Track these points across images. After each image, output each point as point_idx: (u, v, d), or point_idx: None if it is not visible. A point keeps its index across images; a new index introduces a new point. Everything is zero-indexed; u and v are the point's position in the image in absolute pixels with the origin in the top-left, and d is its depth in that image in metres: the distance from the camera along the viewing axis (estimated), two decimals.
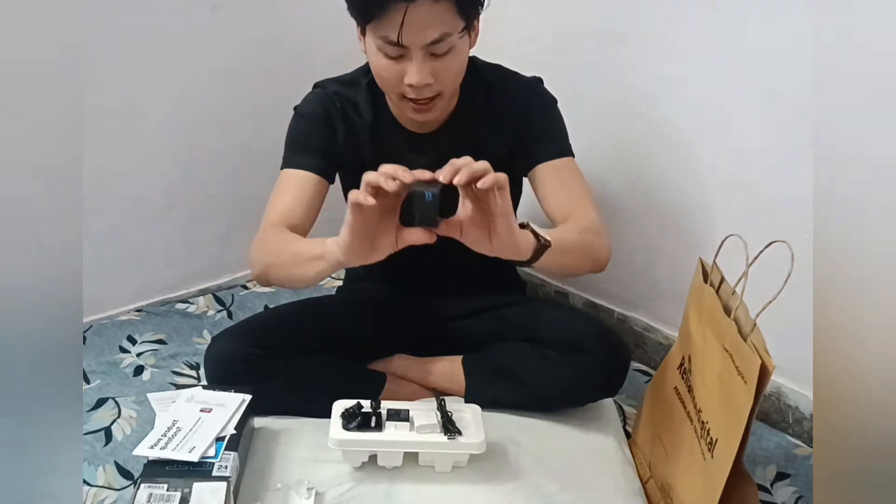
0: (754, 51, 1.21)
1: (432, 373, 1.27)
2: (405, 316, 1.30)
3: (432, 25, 0.98)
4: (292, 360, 1.16)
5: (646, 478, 1.12)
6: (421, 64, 1.01)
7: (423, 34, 0.98)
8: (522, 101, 1.18)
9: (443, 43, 1.00)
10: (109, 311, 1.57)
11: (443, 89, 1.06)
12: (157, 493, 0.92)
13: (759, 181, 1.25)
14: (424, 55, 1.00)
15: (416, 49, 1.00)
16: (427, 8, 0.96)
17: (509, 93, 1.18)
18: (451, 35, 1.00)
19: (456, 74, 1.07)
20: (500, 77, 1.19)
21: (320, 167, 1.16)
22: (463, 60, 1.07)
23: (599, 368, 1.16)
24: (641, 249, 1.49)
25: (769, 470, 1.20)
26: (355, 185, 1.23)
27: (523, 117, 1.17)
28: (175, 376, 1.38)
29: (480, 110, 1.18)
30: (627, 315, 1.56)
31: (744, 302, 0.92)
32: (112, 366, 1.40)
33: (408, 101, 1.07)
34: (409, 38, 0.98)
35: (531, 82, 1.21)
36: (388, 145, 1.18)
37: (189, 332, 1.53)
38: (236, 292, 1.68)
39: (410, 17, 0.96)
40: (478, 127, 1.18)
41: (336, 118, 1.18)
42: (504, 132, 1.18)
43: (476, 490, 1.05)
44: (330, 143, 1.18)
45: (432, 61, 1.02)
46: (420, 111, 1.08)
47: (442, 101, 1.08)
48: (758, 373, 0.83)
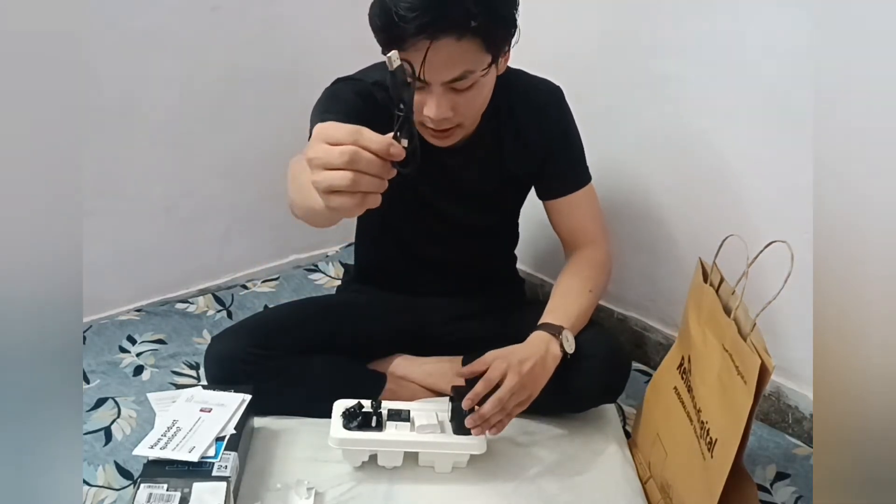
0: (754, 51, 1.21)
1: (432, 373, 1.27)
2: (405, 316, 1.30)
3: (455, 64, 0.94)
4: (292, 360, 1.16)
5: (646, 478, 1.12)
6: (441, 98, 0.97)
7: (444, 72, 0.95)
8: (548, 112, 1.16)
9: (465, 80, 0.96)
10: (109, 310, 1.56)
11: (462, 121, 1.03)
12: (157, 493, 0.92)
13: (759, 181, 1.25)
14: (445, 90, 0.97)
15: (436, 84, 0.96)
16: (450, 46, 0.92)
17: (532, 100, 1.16)
18: (475, 72, 0.96)
19: (478, 108, 1.05)
20: (520, 82, 1.16)
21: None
22: (486, 94, 1.04)
23: (600, 374, 1.16)
24: (641, 249, 1.49)
25: (769, 470, 1.20)
26: None
27: (548, 139, 1.16)
28: (175, 376, 1.38)
29: (507, 125, 1.15)
30: (627, 315, 1.56)
31: (743, 302, 0.92)
32: (112, 366, 1.40)
33: (426, 127, 1.03)
34: (431, 76, 0.95)
35: (554, 93, 1.18)
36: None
37: (189, 332, 1.53)
38: (236, 292, 1.68)
39: (433, 56, 0.89)
40: (503, 142, 1.16)
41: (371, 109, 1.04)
42: (530, 150, 1.17)
43: (476, 490, 1.05)
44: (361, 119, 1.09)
45: (453, 95, 0.98)
46: (437, 138, 1.05)
47: (461, 130, 1.06)
48: (757, 373, 0.83)
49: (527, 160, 1.18)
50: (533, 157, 1.18)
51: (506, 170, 1.18)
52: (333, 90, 1.10)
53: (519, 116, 1.15)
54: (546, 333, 1.09)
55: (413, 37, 0.90)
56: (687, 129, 1.34)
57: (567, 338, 1.09)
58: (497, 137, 1.16)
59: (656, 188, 1.43)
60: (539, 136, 1.16)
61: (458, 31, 0.92)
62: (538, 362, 1.04)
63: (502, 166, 1.17)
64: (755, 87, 1.22)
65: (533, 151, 1.17)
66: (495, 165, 1.17)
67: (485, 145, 1.15)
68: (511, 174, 1.19)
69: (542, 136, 1.16)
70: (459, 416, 1.03)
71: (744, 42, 1.22)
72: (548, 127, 1.16)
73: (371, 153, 0.64)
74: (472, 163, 1.15)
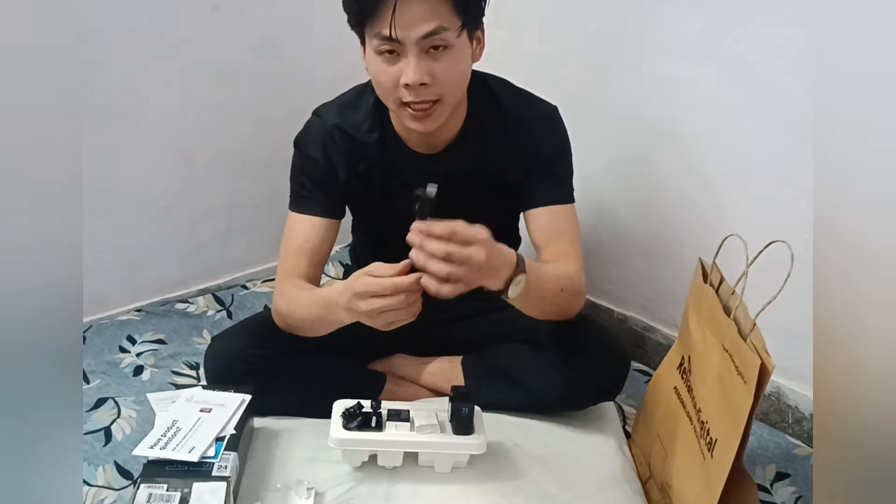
0: (754, 51, 1.21)
1: (432, 373, 1.27)
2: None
3: (426, 18, 0.96)
4: (292, 361, 1.16)
5: (646, 478, 1.12)
6: (417, 61, 0.98)
7: (416, 27, 0.96)
8: (537, 135, 1.14)
9: (438, 37, 0.97)
10: (109, 311, 1.57)
11: (442, 93, 1.02)
12: (157, 493, 0.92)
13: (759, 181, 1.25)
14: (420, 51, 0.97)
15: (411, 44, 0.97)
16: (419, 1, 0.95)
17: (524, 121, 1.14)
18: (448, 30, 0.97)
19: (457, 79, 1.04)
20: (514, 100, 1.15)
21: (326, 209, 1.15)
22: (464, 66, 1.04)
23: (598, 373, 1.16)
24: (641, 249, 1.49)
25: (769, 470, 1.20)
26: (363, 210, 1.24)
27: (536, 151, 1.14)
28: (175, 376, 1.38)
29: (491, 131, 1.14)
30: (627, 315, 1.56)
31: (743, 302, 0.92)
32: (112, 366, 1.40)
33: (406, 107, 1.03)
34: (402, 31, 0.96)
35: (548, 114, 1.16)
36: (395, 167, 1.16)
37: (189, 332, 1.53)
38: (236, 292, 1.68)
39: (402, 10, 0.94)
40: (488, 149, 1.15)
41: (336, 155, 1.14)
42: (516, 159, 1.15)
43: (476, 490, 1.05)
44: (333, 182, 1.15)
45: (429, 60, 0.98)
46: (418, 118, 1.03)
47: (442, 107, 1.04)
48: (757, 373, 0.83)
49: (511, 170, 1.15)
50: (518, 168, 1.15)
51: (490, 178, 1.16)
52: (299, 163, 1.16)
53: (505, 128, 1.14)
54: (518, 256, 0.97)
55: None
56: (687, 129, 1.34)
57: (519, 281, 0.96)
58: (480, 146, 1.14)
59: (656, 188, 1.43)
60: (527, 149, 1.14)
61: None
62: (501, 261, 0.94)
63: (486, 174, 1.16)
64: (755, 87, 1.22)
65: (518, 162, 1.15)
66: (478, 173, 1.16)
67: (468, 153, 1.14)
68: (495, 182, 1.17)
69: (529, 150, 1.14)
70: (459, 416, 1.03)
71: (744, 42, 1.22)
72: (536, 142, 1.14)
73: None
74: (455, 170, 1.14)
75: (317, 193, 1.15)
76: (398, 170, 1.16)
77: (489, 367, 1.23)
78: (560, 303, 1.09)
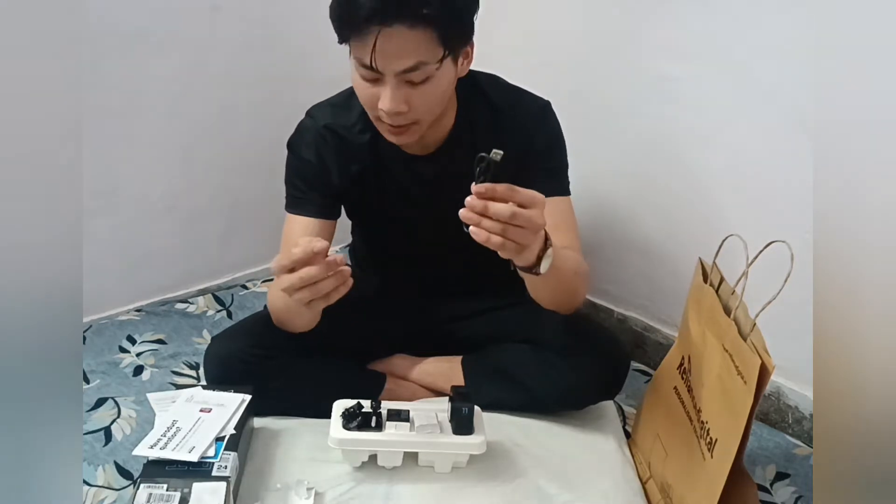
0: (754, 51, 1.21)
1: (432, 373, 1.27)
2: (405, 316, 1.30)
3: (407, 54, 0.93)
4: (292, 361, 1.16)
5: (646, 478, 1.12)
6: (394, 91, 0.96)
7: (396, 61, 0.94)
8: (530, 131, 1.13)
9: (418, 72, 0.95)
10: (109, 311, 1.57)
11: (419, 118, 1.01)
12: (157, 493, 0.92)
13: (759, 181, 1.25)
14: (398, 82, 0.96)
15: (390, 75, 0.95)
16: (402, 34, 0.92)
17: (517, 118, 1.13)
18: (428, 64, 0.95)
19: (434, 103, 1.02)
20: (506, 98, 1.14)
21: (320, 210, 1.15)
22: (443, 89, 1.01)
23: (598, 372, 1.16)
24: (641, 249, 1.49)
25: (769, 470, 1.20)
26: (359, 211, 1.23)
27: (529, 147, 1.12)
28: (175, 376, 1.38)
29: (482, 130, 1.13)
30: (627, 315, 1.56)
31: (743, 302, 0.92)
32: (112, 366, 1.40)
33: (382, 123, 1.03)
34: (382, 64, 0.94)
35: (540, 109, 1.15)
36: (387, 168, 1.16)
37: (189, 332, 1.53)
38: (236, 292, 1.68)
39: (383, 43, 0.91)
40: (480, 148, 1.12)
41: (329, 155, 1.14)
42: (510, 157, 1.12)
43: (476, 490, 1.05)
44: (326, 183, 1.15)
45: (407, 88, 0.97)
46: (394, 134, 1.03)
47: (418, 126, 1.03)
48: (757, 373, 0.84)
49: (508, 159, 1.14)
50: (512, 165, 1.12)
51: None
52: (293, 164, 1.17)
53: (497, 126, 1.13)
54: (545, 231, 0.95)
55: (366, 22, 0.91)
56: (687, 129, 1.34)
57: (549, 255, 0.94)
58: (471, 146, 1.13)
59: (656, 188, 1.43)
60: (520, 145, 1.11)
61: (410, 19, 0.91)
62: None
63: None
64: (755, 87, 1.22)
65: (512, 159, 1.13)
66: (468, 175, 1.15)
67: (459, 154, 1.13)
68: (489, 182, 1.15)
69: (522, 145, 1.11)
70: (459, 416, 1.03)
71: (744, 42, 1.22)
72: (529, 137, 1.12)
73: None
74: (446, 172, 1.14)
75: (311, 194, 1.15)
76: (390, 171, 1.16)
77: (489, 367, 1.23)
78: (573, 288, 1.09)
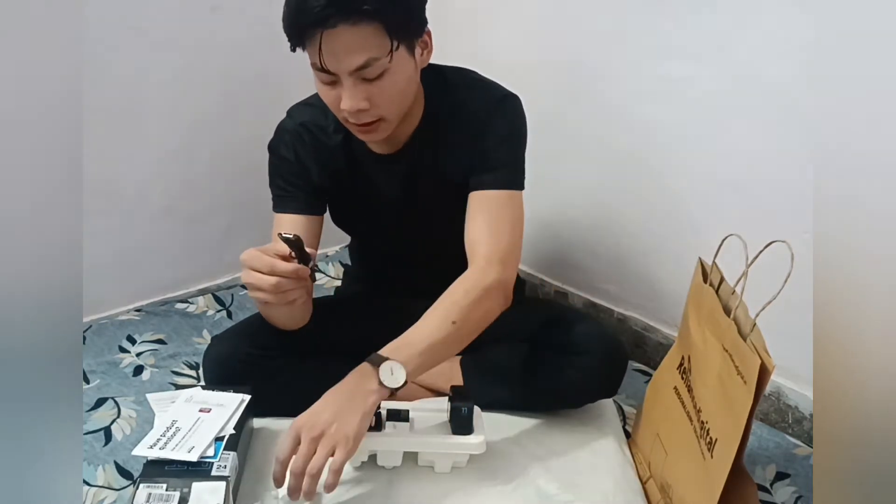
0: (754, 51, 1.21)
1: (431, 373, 1.26)
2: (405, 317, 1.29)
3: (354, 51, 0.93)
4: (291, 361, 1.16)
5: (646, 478, 1.12)
6: (352, 90, 0.96)
7: (345, 60, 0.94)
8: (485, 117, 1.10)
9: (370, 68, 0.95)
10: (109, 310, 1.57)
11: (383, 114, 1.00)
12: (157, 493, 0.92)
13: (759, 181, 1.25)
14: (354, 80, 0.96)
15: (344, 75, 0.95)
16: (346, 32, 0.92)
17: (475, 107, 1.10)
18: (379, 59, 0.95)
19: (395, 98, 1.01)
20: (468, 89, 1.12)
21: (305, 206, 1.15)
22: (404, 81, 1.01)
23: (597, 370, 1.16)
24: (641, 249, 1.49)
25: (769, 470, 1.20)
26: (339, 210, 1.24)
27: (481, 137, 1.10)
28: (175, 376, 1.38)
29: (445, 125, 1.12)
30: (627, 315, 1.56)
31: (743, 302, 0.92)
32: (112, 366, 1.40)
33: (350, 123, 1.03)
34: (333, 65, 0.94)
35: (499, 100, 1.11)
36: (358, 169, 1.16)
37: (189, 332, 1.53)
38: (236, 292, 1.68)
39: (329, 44, 0.92)
40: (442, 143, 1.13)
41: (306, 152, 1.15)
42: (465, 152, 1.11)
43: (476, 490, 1.05)
44: (307, 180, 1.15)
45: (365, 85, 0.97)
46: (363, 133, 1.03)
47: (386, 123, 1.03)
48: (757, 373, 0.83)
49: (466, 161, 1.12)
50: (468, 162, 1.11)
51: (448, 175, 1.13)
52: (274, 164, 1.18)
53: (458, 120, 1.11)
54: (367, 365, 0.97)
55: (310, 27, 0.93)
56: (686, 129, 1.34)
57: (391, 370, 0.95)
58: (435, 142, 1.13)
59: (656, 188, 1.43)
60: (472, 140, 1.10)
61: (352, 16, 0.92)
62: (342, 406, 0.94)
63: (444, 171, 1.14)
64: (755, 87, 1.22)
65: (468, 155, 1.11)
66: (435, 172, 1.14)
67: (425, 150, 1.13)
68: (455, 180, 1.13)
69: (475, 140, 1.10)
70: (459, 416, 1.03)
71: (744, 42, 1.22)
72: (482, 129, 1.10)
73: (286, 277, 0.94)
74: (414, 169, 1.14)
75: (294, 191, 1.16)
76: (363, 170, 1.16)
77: (488, 367, 1.23)
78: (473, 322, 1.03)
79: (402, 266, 1.29)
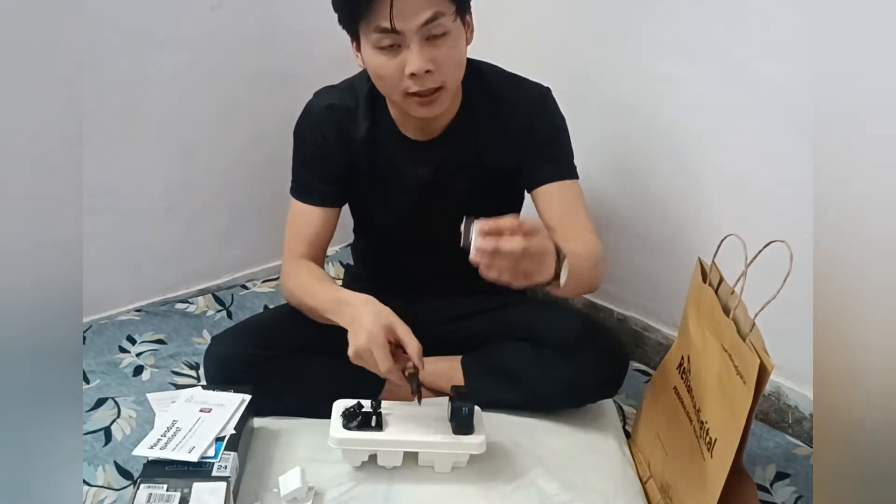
0: (754, 51, 1.21)
1: (431, 372, 1.26)
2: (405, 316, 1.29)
3: (423, 6, 0.97)
4: (292, 361, 1.16)
5: (646, 478, 1.12)
6: (420, 50, 0.99)
7: (415, 16, 0.97)
8: (530, 115, 1.15)
9: (437, 23, 0.98)
10: (109, 311, 1.56)
11: (445, 79, 1.03)
12: (157, 493, 0.92)
13: (759, 181, 1.25)
14: (421, 40, 0.99)
15: (412, 34, 0.98)
16: None
17: (517, 102, 1.15)
18: (445, 15, 0.99)
19: (456, 64, 1.05)
20: (506, 83, 1.16)
21: (324, 198, 1.18)
22: (461, 51, 1.05)
23: (597, 370, 1.16)
24: (641, 249, 1.48)
25: (769, 470, 1.20)
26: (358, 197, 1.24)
27: (531, 132, 1.14)
28: (175, 376, 1.38)
29: (484, 117, 1.15)
30: (627, 315, 1.56)
31: (743, 302, 0.92)
32: (112, 366, 1.40)
33: (412, 97, 1.04)
34: (402, 22, 0.97)
35: (540, 95, 1.17)
36: (385, 155, 1.17)
37: (189, 332, 1.53)
38: (236, 292, 1.68)
39: (401, 3, 0.96)
40: (480, 134, 1.16)
41: (331, 134, 1.16)
42: (510, 143, 1.15)
43: (476, 490, 1.05)
44: (330, 168, 1.17)
45: (430, 48, 1.00)
46: (425, 104, 1.05)
47: (446, 93, 1.05)
48: (757, 372, 0.84)
49: (505, 155, 1.16)
50: (513, 152, 1.16)
51: (484, 165, 1.17)
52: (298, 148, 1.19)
53: (498, 113, 1.15)
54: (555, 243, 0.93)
55: None
56: (686, 129, 1.34)
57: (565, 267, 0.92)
58: (473, 133, 1.16)
59: (656, 187, 1.43)
60: (520, 133, 1.15)
61: None
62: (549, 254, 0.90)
63: (480, 161, 1.17)
64: (755, 87, 1.22)
65: (513, 146, 1.16)
66: (471, 160, 1.17)
67: (459, 141, 1.15)
68: (489, 171, 1.18)
69: (523, 133, 1.15)
70: (459, 415, 1.03)
71: (744, 42, 1.22)
72: (530, 124, 1.15)
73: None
74: (447, 157, 1.16)
75: (316, 182, 1.18)
76: (390, 157, 1.17)
77: (488, 366, 1.23)
78: (593, 281, 1.12)
79: (416, 261, 1.29)
